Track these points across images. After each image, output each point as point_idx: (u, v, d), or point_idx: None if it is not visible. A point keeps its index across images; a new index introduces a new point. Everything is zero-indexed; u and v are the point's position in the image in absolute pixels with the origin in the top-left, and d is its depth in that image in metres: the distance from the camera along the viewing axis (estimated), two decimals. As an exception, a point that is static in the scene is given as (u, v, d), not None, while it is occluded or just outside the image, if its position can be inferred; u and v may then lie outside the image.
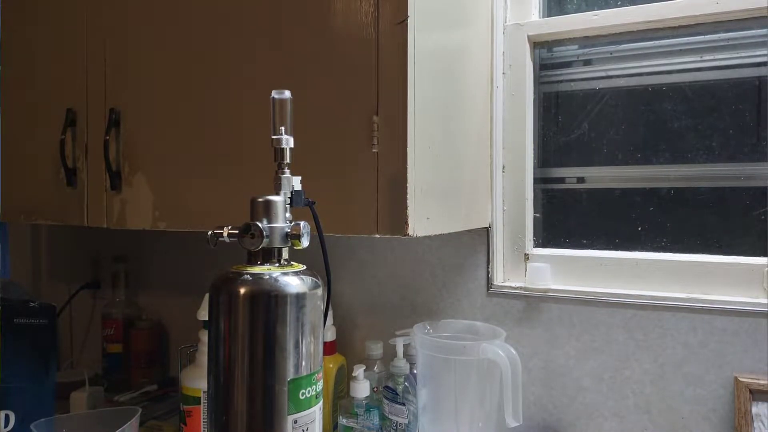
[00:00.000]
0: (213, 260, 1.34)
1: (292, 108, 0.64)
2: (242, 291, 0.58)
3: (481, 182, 1.03)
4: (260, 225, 0.60)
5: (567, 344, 1.01)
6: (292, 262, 0.64)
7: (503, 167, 1.07)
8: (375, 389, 1.00)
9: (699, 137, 0.98)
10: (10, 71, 1.12)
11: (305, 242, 0.62)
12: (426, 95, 0.79)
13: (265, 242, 0.60)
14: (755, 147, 0.95)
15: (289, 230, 0.62)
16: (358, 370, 0.97)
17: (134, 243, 1.46)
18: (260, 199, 0.62)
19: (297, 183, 0.65)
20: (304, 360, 0.60)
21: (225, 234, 0.62)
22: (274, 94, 0.64)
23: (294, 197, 0.64)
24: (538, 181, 1.09)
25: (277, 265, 0.62)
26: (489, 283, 1.07)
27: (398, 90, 0.75)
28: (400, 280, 1.15)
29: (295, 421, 0.58)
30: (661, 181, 1.01)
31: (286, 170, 0.64)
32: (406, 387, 0.96)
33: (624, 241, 1.03)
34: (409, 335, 0.99)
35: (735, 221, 0.96)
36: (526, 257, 1.06)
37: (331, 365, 1.06)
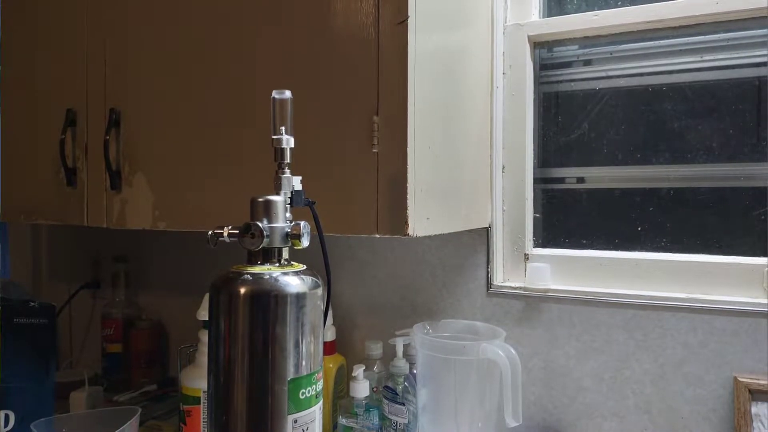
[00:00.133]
0: (213, 260, 1.34)
1: (293, 108, 0.64)
2: (242, 291, 0.58)
3: (481, 182, 1.03)
4: (260, 225, 0.60)
5: (567, 344, 1.01)
6: (292, 262, 0.64)
7: (503, 167, 1.07)
8: (375, 389, 1.00)
9: (699, 137, 0.98)
10: (10, 71, 1.12)
11: (305, 242, 0.62)
12: (426, 95, 0.79)
13: (265, 242, 0.60)
14: (755, 147, 0.95)
15: (290, 230, 0.62)
16: (358, 370, 0.97)
17: (134, 243, 1.46)
18: (260, 199, 0.62)
19: (297, 183, 0.65)
20: (304, 360, 0.60)
21: (225, 234, 0.62)
22: (275, 94, 0.64)
23: (294, 197, 0.65)
24: (538, 181, 1.09)
25: (278, 265, 0.62)
26: (489, 283, 1.07)
27: (398, 90, 0.75)
28: (400, 280, 1.15)
29: (295, 421, 0.58)
30: (661, 182, 1.01)
31: (287, 170, 0.64)
32: (405, 387, 0.96)
33: (624, 241, 1.03)
34: (408, 335, 0.99)
35: (735, 221, 0.96)
36: (526, 257, 1.07)
37: (331, 365, 1.06)
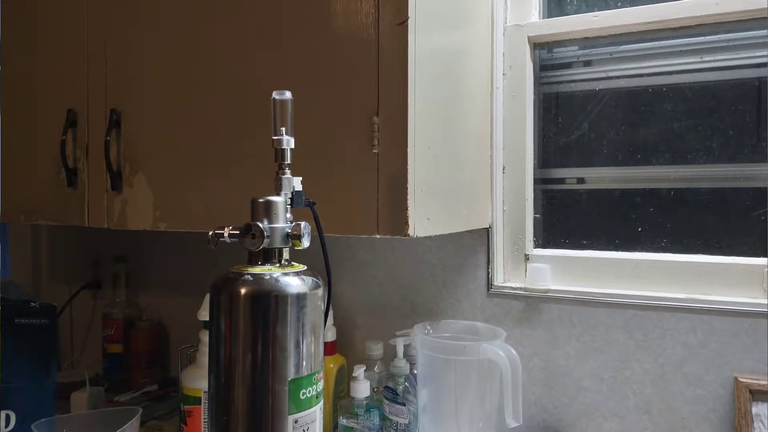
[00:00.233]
0: (213, 260, 1.34)
1: (293, 108, 0.65)
2: (243, 291, 0.58)
3: (481, 183, 1.03)
4: (261, 225, 0.60)
5: (567, 344, 1.01)
6: (292, 263, 0.64)
7: (503, 168, 1.07)
8: (375, 389, 1.00)
9: (699, 138, 0.98)
10: (10, 71, 1.12)
11: (306, 242, 0.62)
12: (426, 96, 0.79)
13: (265, 242, 0.60)
14: (755, 148, 0.95)
15: (290, 230, 0.62)
16: (359, 371, 0.97)
17: (135, 243, 1.46)
18: (261, 200, 0.62)
19: (297, 183, 0.65)
20: (304, 360, 0.60)
21: (226, 234, 0.62)
22: (275, 94, 0.64)
23: (294, 198, 0.65)
24: (538, 181, 1.09)
25: (278, 265, 0.62)
26: (489, 283, 1.07)
27: (398, 91, 0.75)
28: (400, 280, 1.15)
29: (296, 421, 0.59)
30: (661, 182, 1.01)
31: (287, 171, 0.65)
32: (406, 387, 0.96)
33: (624, 241, 1.03)
34: (409, 335, 0.99)
35: (735, 222, 0.96)
36: (526, 258, 1.07)
37: (331, 365, 1.06)
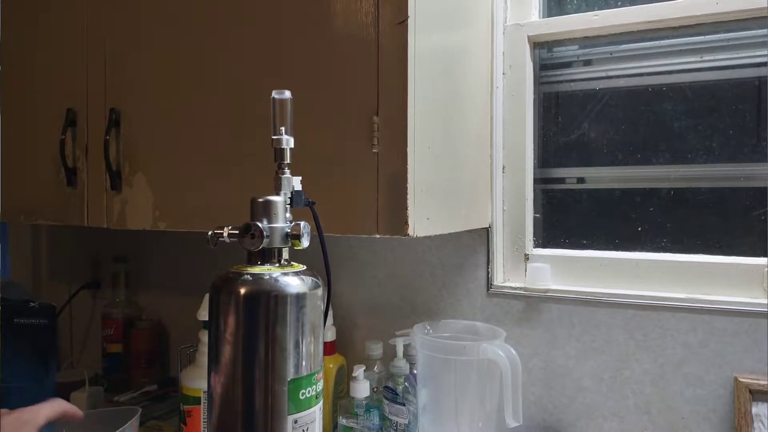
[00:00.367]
0: (213, 260, 1.34)
1: (293, 108, 0.64)
2: (242, 291, 0.58)
3: (481, 182, 1.03)
4: (260, 225, 0.60)
5: (567, 344, 1.01)
6: (292, 263, 0.63)
7: (503, 167, 1.07)
8: (375, 389, 1.00)
9: (699, 137, 0.98)
10: (10, 71, 1.12)
11: (305, 242, 0.62)
12: (426, 95, 0.79)
13: (265, 242, 0.60)
14: (755, 147, 0.95)
15: (290, 230, 0.62)
16: (358, 371, 0.97)
17: (134, 243, 1.46)
18: (260, 199, 0.62)
19: (297, 183, 0.65)
20: (304, 360, 0.60)
21: (225, 234, 0.62)
22: (275, 94, 0.64)
23: (294, 197, 0.64)
24: (538, 181, 1.09)
25: (278, 265, 0.62)
26: (489, 283, 1.07)
27: (398, 90, 0.75)
28: (400, 280, 1.15)
29: (295, 421, 0.58)
30: (661, 182, 1.01)
31: (286, 170, 0.64)
32: (406, 387, 0.96)
33: (624, 241, 1.03)
34: (409, 335, 0.99)
35: (735, 221, 0.96)
36: (526, 257, 1.06)
37: (331, 365, 1.06)
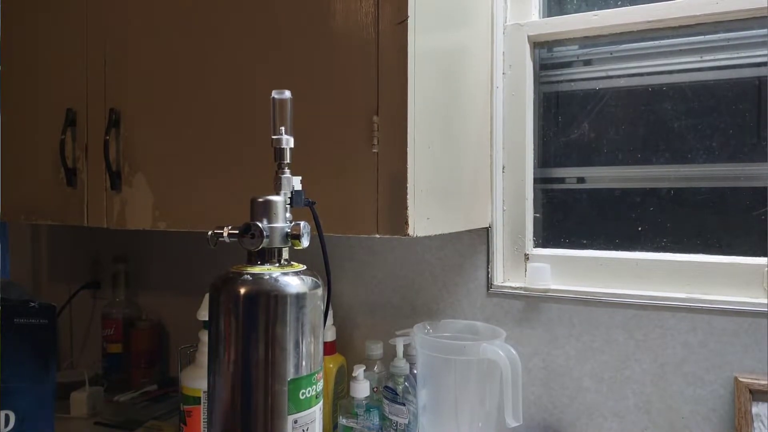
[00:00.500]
0: (213, 260, 1.34)
1: (292, 108, 0.64)
2: (242, 291, 0.58)
3: (481, 182, 1.03)
4: (260, 225, 0.60)
5: (567, 344, 1.01)
6: (292, 262, 0.64)
7: (503, 167, 1.07)
8: (375, 389, 1.00)
9: (699, 137, 0.98)
10: (10, 71, 1.12)
11: (305, 242, 0.62)
12: (426, 95, 0.79)
13: (265, 242, 0.60)
14: (755, 147, 0.95)
15: (289, 230, 0.62)
16: (358, 370, 0.97)
17: (134, 243, 1.46)
18: (260, 199, 0.62)
19: (297, 183, 0.65)
20: (304, 360, 0.60)
21: (225, 234, 0.62)
22: (274, 94, 0.64)
23: (294, 197, 0.64)
24: (538, 181, 1.09)
25: (277, 265, 0.62)
26: (489, 283, 1.07)
27: (398, 90, 0.75)
28: (400, 280, 1.15)
29: (295, 421, 0.58)
30: (661, 181, 1.01)
31: (286, 170, 0.64)
32: (406, 387, 0.96)
33: (624, 241, 1.03)
34: (409, 335, 0.99)
35: (735, 221, 0.96)
36: (526, 257, 1.06)
37: (331, 365, 1.06)
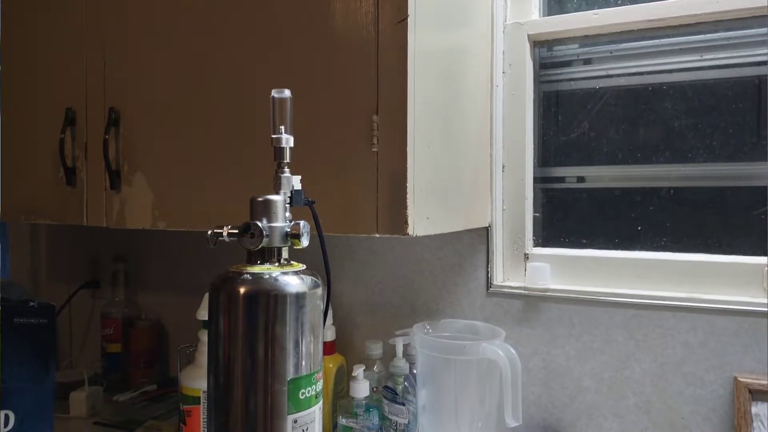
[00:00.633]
0: (213, 260, 1.34)
1: (292, 107, 0.64)
2: (242, 290, 0.58)
3: (481, 182, 1.03)
4: (260, 224, 0.60)
5: (567, 344, 1.01)
6: (291, 262, 0.63)
7: (503, 167, 1.07)
8: (375, 389, 1.00)
9: (699, 136, 0.98)
10: (10, 71, 1.12)
11: (305, 242, 0.62)
12: (426, 94, 0.79)
13: (264, 242, 0.60)
14: (755, 146, 0.95)
15: (289, 230, 0.62)
16: (358, 370, 0.97)
17: (134, 242, 1.46)
18: (260, 199, 0.62)
19: (297, 182, 0.65)
20: (303, 360, 0.60)
21: (225, 233, 0.62)
22: (274, 93, 0.64)
23: (294, 197, 0.64)
24: (538, 180, 1.09)
25: (277, 264, 0.62)
26: (489, 282, 1.07)
27: (398, 89, 0.75)
28: (400, 279, 1.15)
29: (295, 421, 0.58)
30: (661, 181, 1.01)
31: (286, 169, 0.64)
32: (405, 387, 0.96)
33: (624, 240, 1.03)
34: (408, 335, 0.98)
35: (735, 221, 0.96)
36: (526, 257, 1.06)
37: (330, 365, 1.06)
